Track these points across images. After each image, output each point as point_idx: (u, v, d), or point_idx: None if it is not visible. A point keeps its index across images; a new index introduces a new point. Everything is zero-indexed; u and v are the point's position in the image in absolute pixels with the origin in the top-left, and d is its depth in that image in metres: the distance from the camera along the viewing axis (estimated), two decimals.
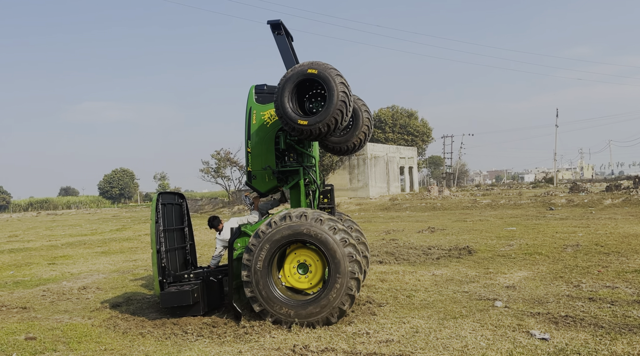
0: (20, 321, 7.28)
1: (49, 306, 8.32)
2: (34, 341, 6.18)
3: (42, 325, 6.95)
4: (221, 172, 42.30)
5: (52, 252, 17.25)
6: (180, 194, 8.01)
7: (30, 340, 6.22)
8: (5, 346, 5.97)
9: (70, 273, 11.92)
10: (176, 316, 6.84)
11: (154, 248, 6.89)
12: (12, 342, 6.14)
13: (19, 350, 5.84)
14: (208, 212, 41.50)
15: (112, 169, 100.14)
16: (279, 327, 6.11)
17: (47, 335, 6.42)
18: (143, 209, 69.19)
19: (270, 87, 7.16)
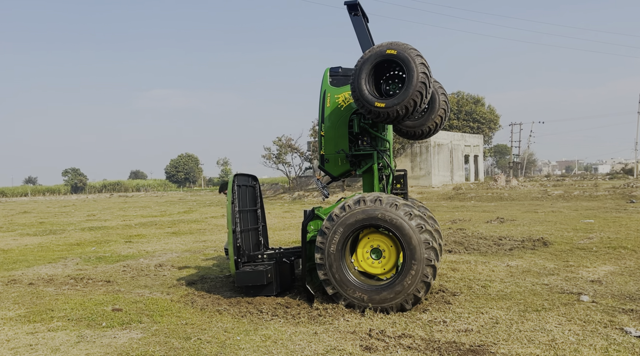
0: (105, 293, 7.73)
1: (130, 280, 8.79)
2: (120, 312, 6.54)
3: (126, 298, 7.34)
4: (282, 158, 42.95)
5: (127, 231, 18.26)
6: (254, 176, 8.15)
7: (116, 311, 6.59)
8: (95, 316, 6.35)
9: (146, 251, 12.55)
10: (250, 295, 6.99)
11: (230, 228, 7.06)
12: (101, 312, 6.53)
13: (107, 319, 6.20)
14: (270, 197, 42.37)
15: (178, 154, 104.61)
16: (352, 311, 6.09)
17: (131, 308, 6.78)
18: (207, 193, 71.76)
19: (345, 70, 7.07)
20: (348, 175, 7.33)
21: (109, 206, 39.73)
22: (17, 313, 6.60)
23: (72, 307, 6.83)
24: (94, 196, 76.51)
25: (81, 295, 7.59)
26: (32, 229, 20.11)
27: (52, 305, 7.01)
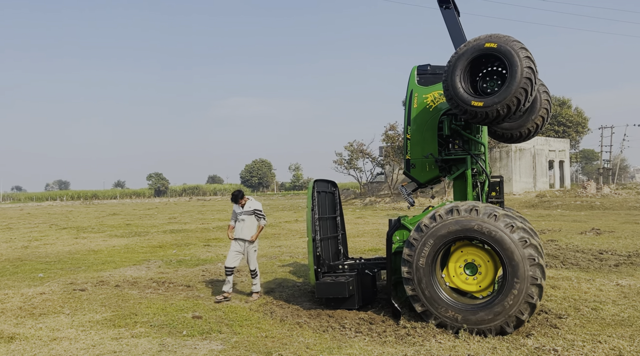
0: (186, 298, 7.72)
1: (209, 286, 8.76)
2: (200, 320, 6.43)
3: (205, 305, 7.26)
4: (353, 163, 42.56)
5: (206, 234, 18.69)
6: (333, 182, 7.81)
7: (196, 319, 6.49)
8: (176, 323, 6.28)
9: (224, 255, 12.61)
10: (330, 307, 6.63)
11: (309, 235, 6.75)
12: (181, 319, 6.46)
13: (188, 328, 6.10)
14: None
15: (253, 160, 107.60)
16: (444, 331, 5.52)
17: (210, 315, 6.66)
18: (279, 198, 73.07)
19: (434, 68, 6.54)
20: (436, 182, 6.77)
21: (189, 209, 41.39)
22: (103, 316, 6.70)
23: (155, 312, 6.83)
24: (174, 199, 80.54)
25: (163, 300, 7.62)
26: (119, 230, 21.21)
27: (135, 309, 7.07)
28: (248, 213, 7.74)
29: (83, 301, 7.55)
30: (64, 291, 8.28)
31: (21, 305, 7.27)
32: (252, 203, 7.86)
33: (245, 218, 7.71)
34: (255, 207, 7.81)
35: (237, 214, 7.80)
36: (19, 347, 5.34)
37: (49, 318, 6.57)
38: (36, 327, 6.10)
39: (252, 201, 7.89)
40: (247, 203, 7.82)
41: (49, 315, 6.75)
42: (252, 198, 7.97)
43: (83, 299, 7.72)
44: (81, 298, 7.80)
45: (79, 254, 13.48)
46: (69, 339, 5.62)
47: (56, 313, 6.88)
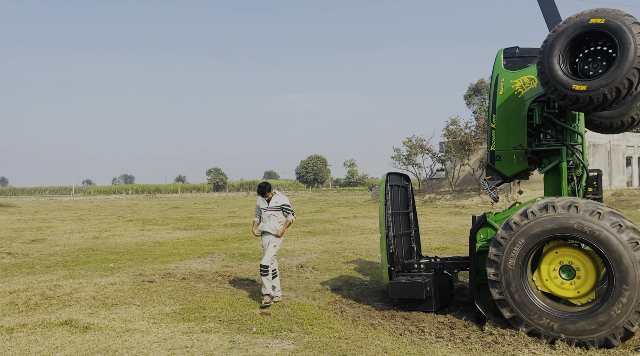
0: (252, 293, 7.56)
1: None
2: (269, 317, 6.22)
3: (272, 301, 7.05)
4: (412, 159, 41.53)
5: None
6: (406, 175, 7.37)
7: (265, 315, 6.29)
8: (245, 319, 6.11)
9: (285, 250, 12.48)
10: (404, 309, 6.23)
11: (382, 232, 6.37)
12: (250, 315, 6.28)
13: (257, 324, 5.90)
14: None
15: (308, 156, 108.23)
16: (536, 340, 4.98)
17: (279, 312, 6.44)
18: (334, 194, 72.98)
19: (524, 50, 5.94)
20: (524, 176, 6.17)
21: (246, 204, 42.08)
22: (172, 308, 6.65)
23: (222, 307, 6.71)
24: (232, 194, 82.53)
25: (229, 294, 7.50)
26: (182, 223, 21.73)
27: (203, 302, 6.99)
28: (275, 209, 7.13)
29: (152, 293, 7.57)
30: (134, 282, 8.38)
31: (94, 294, 7.38)
32: (279, 197, 7.21)
33: (272, 214, 7.12)
34: (283, 202, 7.18)
35: (262, 209, 7.19)
36: (94, 337, 5.34)
37: (121, 309, 6.59)
38: (109, 317, 6.12)
39: (279, 195, 7.26)
40: (274, 198, 7.17)
41: (120, 306, 6.79)
42: (279, 193, 7.37)
43: (152, 290, 7.75)
44: (150, 289, 7.85)
45: (146, 246, 13.82)
46: (140, 331, 5.57)
47: (127, 303, 6.92)
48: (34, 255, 11.98)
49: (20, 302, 6.85)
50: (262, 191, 7.17)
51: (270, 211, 7.09)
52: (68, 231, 17.96)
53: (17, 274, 9.31)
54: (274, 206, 7.12)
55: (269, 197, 7.15)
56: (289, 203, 7.21)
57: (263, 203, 7.21)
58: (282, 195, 7.30)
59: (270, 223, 7.07)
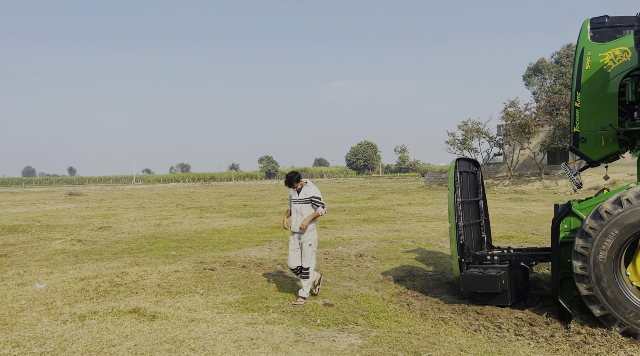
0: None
1: (333, 270, 8.41)
2: (332, 308, 6.04)
3: (334, 291, 6.87)
4: (468, 144, 40.14)
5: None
6: (476, 161, 6.93)
7: (328, 306, 6.12)
8: (308, 310, 5.95)
9: (342, 238, 12.30)
10: (476, 303, 5.86)
11: (452, 222, 6.00)
12: (313, 306, 6.12)
13: (321, 316, 5.73)
14: None
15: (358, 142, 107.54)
16: (633, 341, 4.50)
17: (342, 303, 6.24)
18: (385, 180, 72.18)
19: (615, 19, 5.33)
20: (613, 159, 5.59)
21: None
22: (235, 298, 6.61)
23: (284, 297, 6.59)
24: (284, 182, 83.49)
25: (290, 283, 7.39)
26: (238, 211, 22.05)
27: (265, 291, 6.91)
28: (304, 201, 6.41)
29: (214, 281, 7.59)
30: (196, 270, 8.45)
31: (159, 282, 7.49)
32: (309, 189, 6.49)
33: (301, 207, 6.40)
34: (313, 194, 6.44)
35: (292, 201, 6.55)
36: (161, 326, 5.35)
37: (185, 297, 6.62)
38: (174, 306, 6.15)
39: (309, 186, 6.52)
40: (304, 189, 6.47)
41: (184, 294, 6.83)
42: (310, 183, 6.63)
43: (214, 279, 7.78)
44: (212, 277, 7.87)
45: (205, 234, 14.04)
46: (205, 321, 5.54)
47: (191, 292, 6.95)
48: (101, 242, 12.45)
49: (90, 289, 7.04)
50: (289, 182, 6.44)
51: (299, 203, 6.44)
52: (131, 219, 18.63)
53: (87, 260, 9.66)
54: (302, 198, 6.44)
55: (299, 188, 6.48)
56: (319, 195, 6.47)
57: (294, 194, 6.57)
58: (314, 186, 6.61)
59: (299, 219, 6.41)
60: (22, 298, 6.66)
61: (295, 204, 6.48)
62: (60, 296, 6.75)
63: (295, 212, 6.49)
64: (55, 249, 11.36)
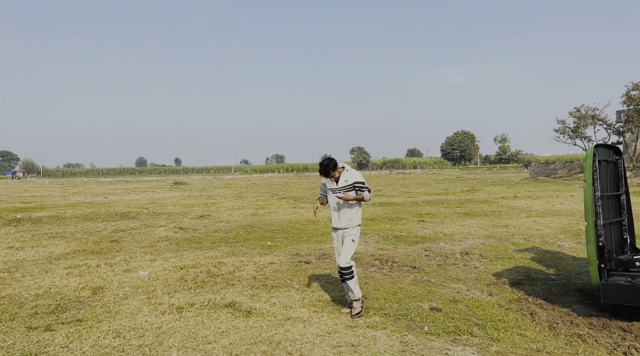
0: (415, 283, 6.78)
1: (437, 269, 7.69)
2: (440, 313, 5.38)
3: (441, 294, 6.18)
4: (581, 132, 36.42)
5: (416, 208, 17.75)
6: (617, 148, 5.81)
7: (435, 311, 5.46)
8: (413, 314, 5.35)
9: (443, 234, 11.44)
10: (621, 318, 4.86)
11: (590, 220, 5.02)
12: (418, 310, 5.51)
13: (429, 322, 5.10)
14: (564, 177, 36.69)
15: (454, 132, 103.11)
16: None
17: (451, 308, 5.55)
18: (484, 172, 68.40)
19: None
20: None
21: (391, 182, 41.38)
22: (332, 295, 6.19)
23: (385, 297, 6.04)
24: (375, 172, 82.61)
25: (390, 282, 6.82)
26: None
27: (363, 290, 6.41)
28: (346, 189, 5.42)
29: (310, 276, 7.25)
30: (291, 262, 8.20)
31: (255, 274, 7.31)
32: (349, 174, 5.48)
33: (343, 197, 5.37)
34: (356, 179, 5.45)
35: (331, 191, 5.51)
36: (257, 324, 5.07)
37: (281, 292, 6.33)
38: (270, 302, 5.87)
39: (349, 172, 5.51)
40: (343, 176, 5.46)
41: (280, 288, 6.56)
42: (349, 167, 5.59)
43: (309, 273, 7.44)
44: (307, 271, 7.55)
45: (299, 224, 13.90)
46: (302, 320, 5.16)
47: (286, 286, 6.66)
48: (201, 230, 12.77)
49: (189, 279, 7.03)
50: (324, 171, 5.44)
51: (341, 192, 5.42)
52: (229, 208, 19.16)
53: (187, 249, 9.85)
54: (344, 185, 5.43)
55: (336, 176, 5.48)
56: (362, 180, 5.49)
57: (331, 183, 5.54)
58: (354, 170, 5.58)
59: (342, 213, 5.42)
60: (127, 285, 6.80)
61: (335, 194, 5.43)
62: (160, 284, 6.80)
63: (335, 203, 5.48)
64: (159, 236, 11.82)
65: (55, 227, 13.89)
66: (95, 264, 8.07)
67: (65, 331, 4.90)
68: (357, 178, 5.47)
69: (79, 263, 8.26)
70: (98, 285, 6.79)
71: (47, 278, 7.31)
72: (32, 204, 22.77)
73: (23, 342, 4.64)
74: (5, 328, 5.08)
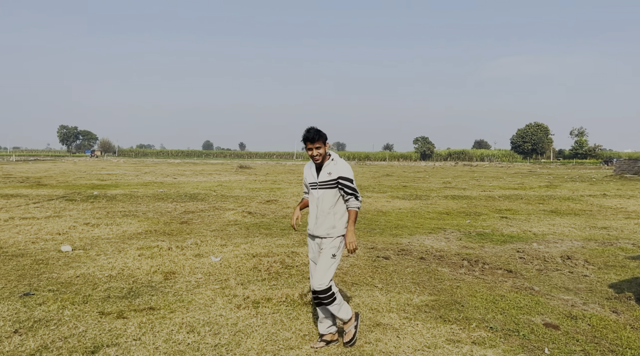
0: (516, 290, 5.91)
1: (537, 274, 6.75)
2: (559, 332, 4.53)
3: (552, 306, 5.29)
4: None
5: (493, 203, 16.52)
6: None
7: (552, 329, 4.61)
8: (525, 330, 4.53)
9: (533, 233, 10.33)
10: None
11: None
12: (528, 324, 4.68)
13: (548, 343, 4.27)
14: None
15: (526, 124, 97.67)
16: None
17: (570, 326, 4.67)
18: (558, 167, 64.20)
19: None
20: None
21: (459, 174, 39.60)
22: (421, 299, 5.48)
23: (484, 306, 5.25)
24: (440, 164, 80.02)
25: (486, 287, 6.00)
26: (398, 192, 20.95)
27: (456, 294, 5.65)
28: (328, 185, 3.98)
29: (391, 273, 6.58)
30: (368, 257, 7.56)
31: None
32: (335, 165, 4.01)
33: (323, 195, 4.00)
34: (341, 173, 3.97)
35: (310, 186, 4.11)
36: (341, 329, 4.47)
37: (363, 291, 5.71)
38: (354, 303, 5.26)
39: (336, 163, 4.03)
40: (327, 166, 4.02)
41: (361, 286, 5.93)
42: (337, 157, 4.11)
43: (390, 270, 6.77)
44: (387, 268, 6.88)
45: (369, 214, 13.22)
46: (394, 329, 4.51)
47: (368, 284, 6.03)
48: (270, 216, 12.42)
49: (262, 269, 6.58)
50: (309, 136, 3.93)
51: (320, 188, 4.01)
52: (295, 194, 18.81)
53: (257, 235, 9.47)
54: (326, 179, 3.99)
55: (318, 159, 3.99)
56: (351, 176, 3.98)
57: (311, 176, 4.11)
58: (343, 162, 4.09)
59: (320, 212, 4.00)
60: (198, 271, 6.45)
61: (315, 190, 4.06)
62: (233, 273, 6.38)
63: (314, 203, 4.07)
64: (229, 220, 11.57)
65: (129, 205, 14.10)
66: (167, 247, 7.83)
67: (138, 321, 4.55)
68: (343, 171, 3.98)
69: (150, 244, 8.07)
70: (170, 270, 6.49)
71: (120, 258, 7.13)
72: (107, 182, 23.65)
73: (95, 330, 4.33)
74: (78, 311, 4.82)
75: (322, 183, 3.99)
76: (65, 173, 31.43)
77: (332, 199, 3.98)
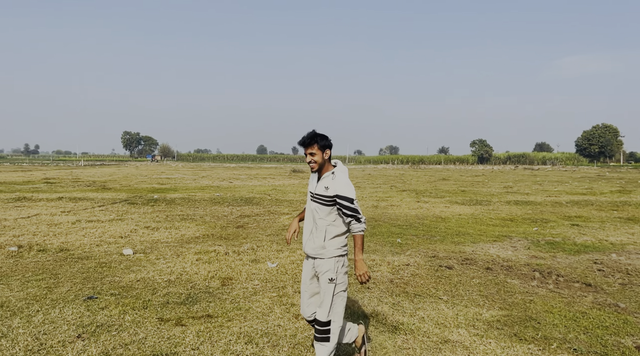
0: (599, 307, 5.36)
1: (621, 289, 6.12)
2: None
3: (636, 325, 4.73)
4: None
5: (560, 209, 15.52)
6: None
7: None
8: (617, 355, 4.03)
9: (609, 242, 9.52)
10: None
11: None
12: (617, 347, 4.20)
13: None
14: None
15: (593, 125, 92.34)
16: None
17: None
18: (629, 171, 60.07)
19: None
20: None
21: (520, 179, 37.86)
22: (491, 313, 5.07)
23: (564, 324, 4.77)
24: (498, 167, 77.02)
25: (564, 302, 5.48)
26: (457, 197, 20.21)
27: (530, 310, 5.19)
28: (324, 200, 3.48)
29: (456, 284, 6.18)
30: (429, 266, 7.18)
31: (391, 277, 6.44)
32: (335, 180, 3.49)
33: (317, 209, 3.51)
34: (339, 191, 3.43)
35: (310, 195, 3.64)
36: (407, 345, 4.18)
37: (427, 304, 5.37)
38: (418, 316, 4.94)
39: (336, 177, 3.50)
40: (326, 177, 3.52)
41: (424, 298, 5.59)
42: (341, 169, 3.58)
43: (455, 281, 6.37)
44: (451, 278, 6.48)
45: (427, 220, 12.74)
46: (464, 347, 4.16)
47: (432, 296, 5.67)
48: None
49: None
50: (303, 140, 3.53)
51: (316, 201, 3.53)
52: None
53: None
54: (322, 193, 3.50)
55: (313, 166, 3.53)
56: (351, 195, 3.43)
57: (311, 183, 3.67)
58: (344, 177, 3.54)
59: (316, 229, 3.53)
60: (255, 278, 6.34)
61: (311, 202, 3.60)
62: (290, 280, 6.22)
63: (309, 216, 3.61)
64: (284, 224, 11.50)
65: (187, 209, 14.39)
66: (224, 252, 7.81)
67: (196, 329, 4.47)
68: (342, 189, 3.44)
69: (208, 249, 8.09)
70: (227, 275, 6.43)
71: (179, 262, 7.17)
72: (166, 186, 24.43)
73: (154, 337, 4.28)
74: (138, 317, 4.81)
75: (317, 196, 3.51)
76: (128, 177, 32.85)
77: (327, 216, 3.48)
